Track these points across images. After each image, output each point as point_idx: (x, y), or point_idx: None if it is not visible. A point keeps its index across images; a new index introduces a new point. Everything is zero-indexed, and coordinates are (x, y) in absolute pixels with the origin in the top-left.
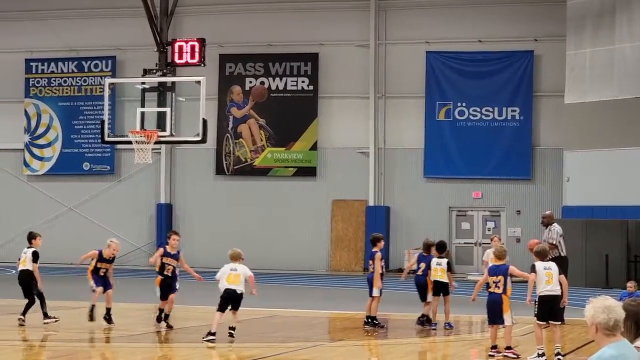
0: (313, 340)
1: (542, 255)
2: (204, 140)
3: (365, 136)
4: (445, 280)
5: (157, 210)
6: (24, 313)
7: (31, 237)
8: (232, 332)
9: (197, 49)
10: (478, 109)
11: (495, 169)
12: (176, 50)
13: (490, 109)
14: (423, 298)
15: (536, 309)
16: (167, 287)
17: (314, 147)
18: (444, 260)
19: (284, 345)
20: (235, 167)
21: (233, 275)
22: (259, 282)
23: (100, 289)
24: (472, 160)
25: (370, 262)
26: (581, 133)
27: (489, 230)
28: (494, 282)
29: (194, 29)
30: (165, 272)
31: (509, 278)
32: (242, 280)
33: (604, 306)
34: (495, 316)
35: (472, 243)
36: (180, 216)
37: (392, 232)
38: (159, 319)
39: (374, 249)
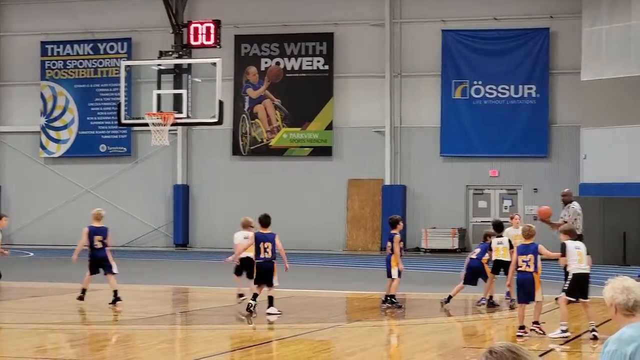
0: (331, 321)
1: (571, 234)
2: (220, 122)
3: (381, 115)
4: (508, 258)
5: (174, 192)
6: None
7: None
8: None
9: (212, 31)
10: (494, 87)
11: (512, 147)
12: (192, 32)
13: (507, 87)
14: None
15: (566, 286)
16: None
17: (330, 127)
18: (505, 239)
19: (302, 327)
20: (251, 148)
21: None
22: (276, 262)
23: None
24: (489, 138)
25: (389, 243)
26: (598, 110)
27: (505, 209)
28: (523, 261)
29: (209, 11)
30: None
31: (538, 256)
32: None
33: (623, 287)
34: (527, 295)
35: (489, 222)
36: (197, 197)
37: (409, 211)
38: None
39: (393, 231)
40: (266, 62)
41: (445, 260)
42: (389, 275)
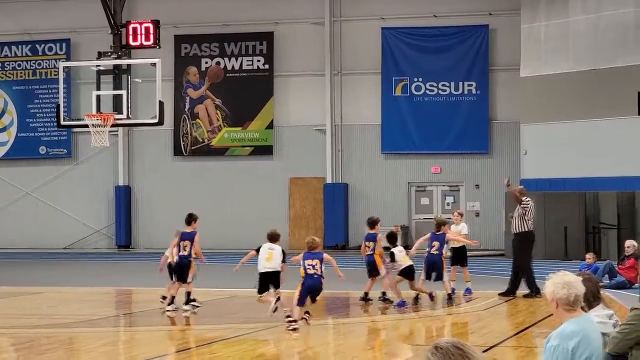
0: (274, 320)
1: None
2: (160, 122)
3: (322, 114)
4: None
5: (116, 193)
6: None
7: None
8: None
9: (151, 31)
10: (435, 84)
11: (453, 143)
12: (130, 32)
13: (447, 84)
14: (439, 277)
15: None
16: None
17: (270, 126)
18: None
19: (246, 326)
20: (192, 148)
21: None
22: (219, 262)
23: None
24: (430, 135)
25: (370, 243)
26: (537, 106)
27: (448, 205)
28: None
29: (148, 11)
30: None
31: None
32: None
33: (564, 282)
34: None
35: (431, 218)
36: (139, 198)
37: (351, 209)
38: None
39: (373, 231)
40: (206, 62)
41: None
42: (372, 275)
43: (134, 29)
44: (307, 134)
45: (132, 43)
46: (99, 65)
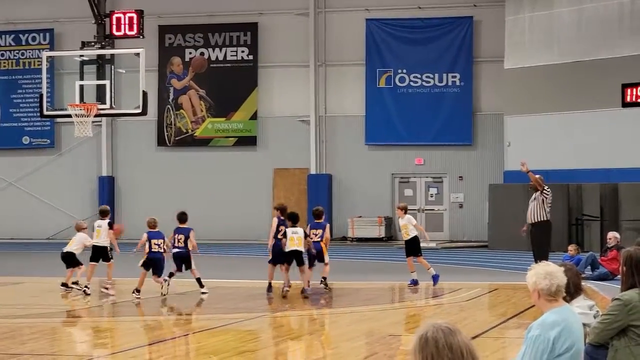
0: (257, 310)
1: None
2: (144, 113)
3: (306, 104)
4: (302, 248)
5: (99, 183)
6: None
7: None
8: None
9: (135, 21)
10: (419, 76)
11: (437, 135)
12: (114, 22)
13: (431, 76)
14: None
15: None
16: None
17: (254, 117)
18: (300, 229)
19: (229, 317)
20: (176, 139)
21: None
22: (202, 252)
23: None
24: (414, 126)
25: (319, 231)
26: (521, 98)
27: (431, 197)
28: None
29: (132, 1)
30: None
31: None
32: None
33: (546, 272)
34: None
35: (415, 209)
36: (123, 188)
37: (335, 200)
38: None
39: (321, 221)
40: (190, 53)
41: (371, 249)
42: (321, 260)
43: (118, 19)
44: (291, 125)
45: (115, 33)
46: (82, 55)
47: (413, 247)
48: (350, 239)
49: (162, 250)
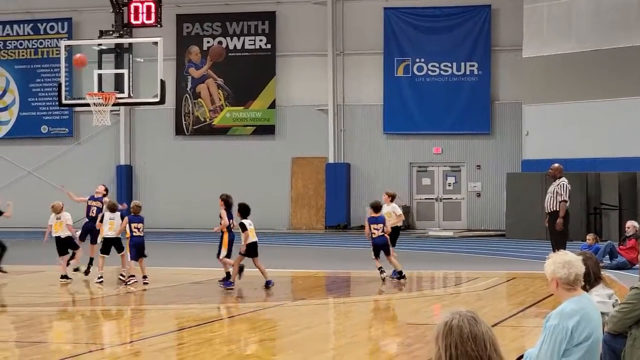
0: (275, 299)
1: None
2: (162, 101)
3: (324, 93)
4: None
5: (117, 172)
6: None
7: None
8: None
9: (153, 10)
10: (436, 65)
11: (454, 124)
12: (132, 11)
13: (449, 64)
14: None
15: None
16: None
17: (273, 106)
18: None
19: (246, 305)
20: (194, 127)
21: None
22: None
23: None
24: (432, 115)
25: (379, 225)
26: (539, 86)
27: (449, 186)
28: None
29: None
30: None
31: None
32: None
33: (564, 261)
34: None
35: (433, 198)
36: (141, 177)
37: (353, 189)
38: None
39: (380, 215)
40: (208, 42)
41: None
42: (387, 252)
43: (136, 8)
44: (309, 113)
45: (133, 22)
46: (100, 44)
47: (393, 238)
48: None
49: (141, 235)
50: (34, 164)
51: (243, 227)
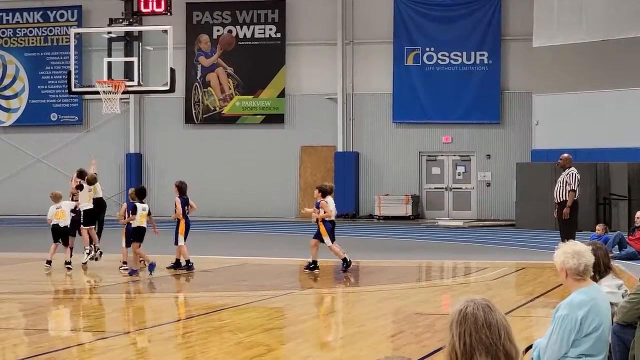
0: (284, 288)
1: None
2: (172, 90)
3: (333, 82)
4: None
5: (127, 160)
6: None
7: None
8: None
9: None
10: (446, 54)
11: (464, 113)
12: None
13: (459, 54)
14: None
15: None
16: None
17: (282, 95)
18: (146, 206)
19: (255, 294)
20: (204, 116)
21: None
22: (229, 230)
23: None
24: (442, 104)
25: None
26: (549, 76)
27: (459, 175)
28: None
29: None
30: None
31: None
32: None
33: (574, 251)
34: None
35: (442, 188)
36: (150, 166)
37: (362, 178)
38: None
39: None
40: (218, 30)
41: (398, 227)
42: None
43: None
44: (318, 102)
45: (143, 10)
46: (110, 32)
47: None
48: (377, 217)
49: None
50: (43, 152)
51: (134, 210)
